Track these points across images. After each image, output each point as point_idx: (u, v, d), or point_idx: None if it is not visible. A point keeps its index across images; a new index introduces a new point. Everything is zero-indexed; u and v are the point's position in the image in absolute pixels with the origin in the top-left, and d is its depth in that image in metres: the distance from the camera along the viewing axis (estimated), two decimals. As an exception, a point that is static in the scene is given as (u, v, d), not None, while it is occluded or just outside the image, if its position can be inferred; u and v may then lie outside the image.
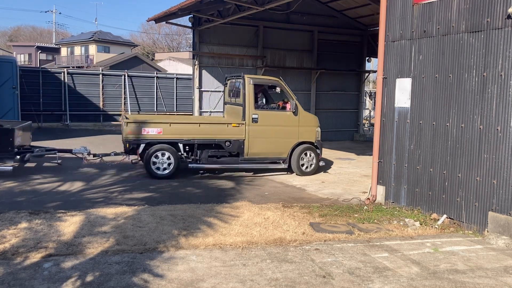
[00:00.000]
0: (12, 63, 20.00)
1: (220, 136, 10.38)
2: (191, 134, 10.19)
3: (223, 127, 10.42)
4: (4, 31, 77.49)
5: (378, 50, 7.96)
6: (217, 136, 10.38)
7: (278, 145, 10.75)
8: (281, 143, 10.76)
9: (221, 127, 10.43)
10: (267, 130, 10.63)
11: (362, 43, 21.00)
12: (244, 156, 10.54)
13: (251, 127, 10.50)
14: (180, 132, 10.13)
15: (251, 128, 10.49)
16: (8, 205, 7.18)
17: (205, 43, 17.41)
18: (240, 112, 10.69)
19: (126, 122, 9.82)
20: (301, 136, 10.86)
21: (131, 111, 24.46)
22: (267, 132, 10.63)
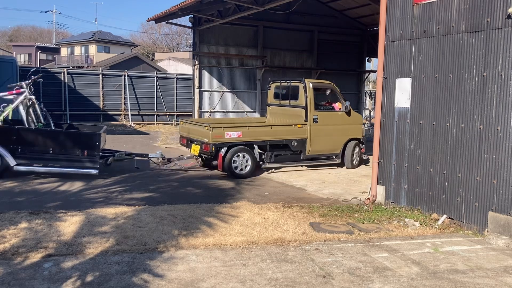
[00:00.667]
0: (12, 63, 19.99)
1: (288, 137, 11.23)
2: (265, 136, 10.98)
3: (290, 128, 11.28)
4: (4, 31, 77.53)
5: (378, 50, 7.96)
6: (286, 137, 11.22)
7: (333, 142, 11.87)
8: (336, 140, 11.89)
9: (289, 129, 11.28)
10: (325, 129, 11.65)
11: (362, 43, 21.02)
12: (306, 154, 11.49)
13: (312, 127, 11.46)
14: (256, 135, 10.87)
15: (312, 128, 11.45)
16: (8, 205, 7.18)
17: (205, 43, 17.42)
18: (295, 114, 11.74)
19: (212, 127, 10.28)
20: (351, 133, 12.09)
21: (131, 111, 24.46)
22: (325, 131, 11.64)
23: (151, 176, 10.39)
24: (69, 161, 9.51)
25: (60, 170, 9.58)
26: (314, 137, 11.45)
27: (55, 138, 9.57)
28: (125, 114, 24.55)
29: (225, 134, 10.41)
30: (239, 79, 18.25)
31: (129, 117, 24.34)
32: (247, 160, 10.56)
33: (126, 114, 24.49)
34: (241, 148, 10.53)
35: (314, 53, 19.74)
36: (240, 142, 10.55)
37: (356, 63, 21.31)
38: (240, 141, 10.56)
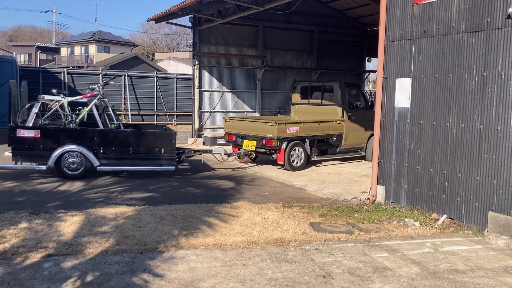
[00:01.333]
0: (12, 63, 19.99)
1: (330, 132, 12.41)
2: (314, 131, 12.01)
3: (332, 124, 12.48)
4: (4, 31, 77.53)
5: (378, 50, 7.96)
6: (328, 132, 12.39)
7: (361, 137, 13.03)
8: (363, 135, 13.02)
9: (332, 125, 12.48)
10: (356, 125, 12.84)
11: (362, 43, 21.00)
12: (341, 147, 12.71)
13: (347, 123, 12.65)
14: (308, 130, 11.85)
15: (347, 124, 12.65)
16: (8, 205, 7.18)
17: (205, 43, 17.41)
18: (329, 111, 12.83)
19: (278, 123, 11.16)
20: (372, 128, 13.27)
21: (131, 111, 24.46)
22: (356, 127, 12.84)
23: (151, 176, 10.39)
24: (148, 159, 9.97)
25: (140, 168, 10.06)
26: (348, 132, 12.64)
27: (134, 138, 10.00)
28: (125, 114, 24.56)
29: (287, 129, 11.35)
30: (239, 79, 18.24)
31: (129, 117, 24.34)
32: (301, 153, 11.64)
33: (126, 114, 24.49)
34: (297, 143, 11.57)
35: (314, 53, 19.72)
36: (296, 137, 11.55)
37: (356, 63, 21.29)
38: (297, 136, 11.57)
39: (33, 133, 9.28)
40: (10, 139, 9.16)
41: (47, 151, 9.35)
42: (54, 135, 9.52)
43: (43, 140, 9.35)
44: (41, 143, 9.34)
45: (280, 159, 11.27)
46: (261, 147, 11.44)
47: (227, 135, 12.60)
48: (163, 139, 10.03)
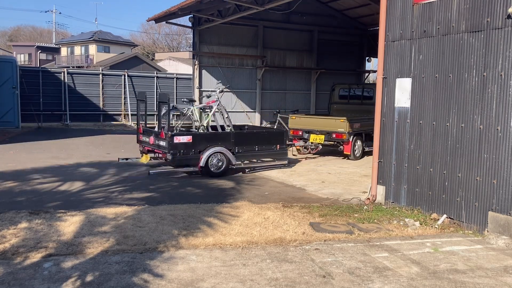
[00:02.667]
0: (12, 63, 20.03)
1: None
2: (367, 127, 12.90)
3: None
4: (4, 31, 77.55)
5: (378, 50, 7.96)
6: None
7: None
8: None
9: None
10: None
11: (362, 43, 21.03)
12: None
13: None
14: (364, 126, 13.30)
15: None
16: (8, 205, 7.18)
17: (205, 43, 17.42)
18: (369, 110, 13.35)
19: (348, 120, 12.95)
20: None
21: (131, 111, 24.44)
22: None
23: (151, 176, 10.39)
24: (268, 155, 11.59)
25: (264, 164, 11.68)
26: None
27: (259, 138, 11.50)
28: (125, 114, 24.56)
29: (353, 125, 13.12)
30: (239, 79, 18.25)
31: (129, 117, 24.35)
32: (360, 145, 13.42)
33: (126, 114, 24.50)
34: (358, 137, 13.33)
35: (314, 53, 19.73)
36: (358, 132, 13.24)
37: (356, 63, 21.31)
38: (358, 130, 13.25)
39: (187, 139, 10.25)
40: (170, 145, 9.91)
41: (197, 154, 10.34)
42: (202, 139, 10.57)
43: (194, 144, 10.32)
44: (192, 147, 10.30)
45: (347, 150, 13.13)
46: (330, 140, 13.25)
47: (291, 130, 14.19)
48: (278, 137, 11.68)
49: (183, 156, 10.13)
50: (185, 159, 10.20)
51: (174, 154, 9.95)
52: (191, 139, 10.24)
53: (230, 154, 10.71)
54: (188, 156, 10.21)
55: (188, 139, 10.20)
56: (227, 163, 10.66)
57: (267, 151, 11.40)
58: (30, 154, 13.00)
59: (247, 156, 11.19)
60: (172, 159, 9.98)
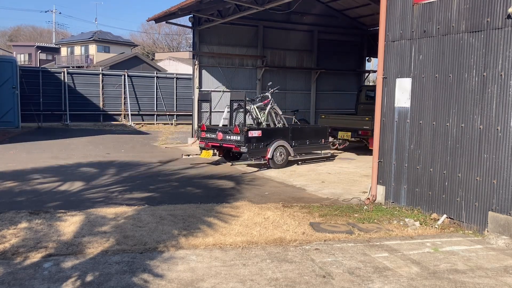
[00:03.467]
0: (12, 63, 20.04)
1: None
2: None
3: None
4: (4, 31, 77.58)
5: (378, 50, 7.96)
6: None
7: None
8: None
9: None
10: None
11: (362, 43, 21.02)
12: None
13: None
14: None
15: None
16: (8, 205, 7.18)
17: (205, 43, 17.41)
18: None
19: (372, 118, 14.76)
20: None
21: (131, 111, 24.46)
22: None
23: (151, 176, 10.40)
24: (316, 148, 13.13)
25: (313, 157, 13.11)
26: None
27: (309, 133, 13.09)
28: (125, 114, 24.58)
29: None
30: (239, 79, 18.24)
31: (129, 117, 24.36)
32: None
33: (126, 114, 24.51)
34: None
35: (314, 53, 19.73)
36: None
37: (356, 63, 21.30)
38: None
39: (257, 134, 11.57)
40: (245, 139, 11.20)
41: (265, 147, 11.73)
42: (268, 133, 11.97)
43: (262, 138, 11.66)
44: (261, 141, 11.65)
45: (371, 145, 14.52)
46: (356, 136, 14.17)
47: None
48: (323, 132, 13.21)
49: (254, 149, 11.48)
50: (256, 151, 11.55)
51: (248, 147, 11.32)
52: (261, 134, 11.65)
53: (290, 147, 12.19)
54: (258, 149, 11.58)
55: (258, 134, 11.59)
56: (287, 155, 12.13)
57: (315, 144, 12.97)
58: (30, 154, 13.00)
59: (300, 149, 12.61)
60: (247, 151, 11.36)
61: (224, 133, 11.69)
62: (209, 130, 12.27)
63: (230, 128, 11.64)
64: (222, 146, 12.00)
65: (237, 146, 11.42)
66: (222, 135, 11.72)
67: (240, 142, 11.32)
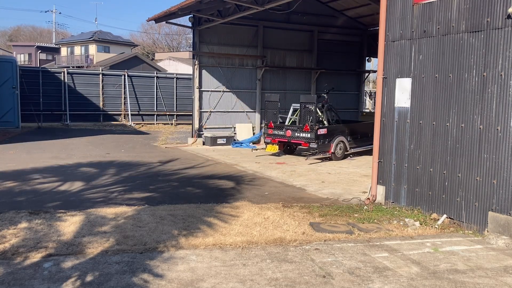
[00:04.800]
0: (12, 63, 20.03)
1: None
2: None
3: None
4: (4, 31, 77.54)
5: (378, 50, 7.96)
6: None
7: None
8: None
9: None
10: None
11: (362, 43, 21.00)
12: None
13: None
14: None
15: None
16: (8, 205, 7.18)
17: (205, 43, 17.40)
18: None
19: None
20: None
21: (131, 111, 24.45)
22: None
23: (151, 176, 10.40)
24: (366, 142, 13.96)
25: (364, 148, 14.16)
26: None
27: (361, 129, 14.55)
28: (125, 114, 24.57)
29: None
30: (239, 79, 18.23)
31: (129, 117, 24.35)
32: None
33: (126, 114, 24.50)
34: None
35: (314, 53, 19.72)
36: None
37: (356, 63, 21.28)
38: None
39: (324, 131, 13.15)
40: (316, 136, 12.81)
41: (329, 143, 13.29)
42: (331, 130, 13.44)
43: (327, 135, 13.22)
44: (326, 137, 13.21)
45: None
46: None
47: None
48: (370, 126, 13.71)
49: (322, 144, 13.02)
50: (322, 146, 13.06)
51: (318, 143, 12.87)
52: (326, 131, 13.18)
53: (347, 142, 13.70)
54: (324, 144, 13.12)
55: (324, 131, 13.16)
56: (344, 149, 13.61)
57: (365, 139, 14.03)
58: (30, 154, 13.00)
59: (354, 143, 14.00)
60: (316, 147, 12.86)
61: (293, 131, 13.34)
62: (276, 127, 13.85)
63: (299, 127, 13.25)
64: (290, 142, 13.70)
65: (306, 142, 12.97)
66: (291, 133, 13.35)
67: (310, 139, 12.88)
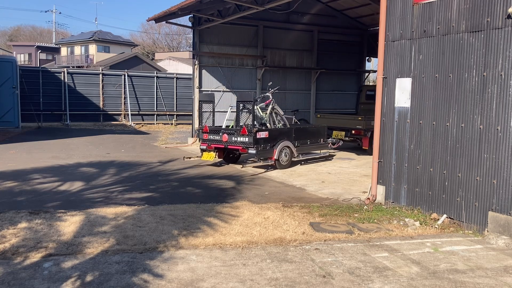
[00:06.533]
0: (12, 63, 20.03)
1: None
2: None
3: None
4: (4, 31, 77.55)
5: (378, 50, 7.96)
6: None
7: None
8: None
9: None
10: None
11: (362, 43, 21.02)
12: None
13: None
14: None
15: None
16: (8, 205, 7.18)
17: (205, 43, 17.41)
18: None
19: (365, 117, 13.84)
20: None
21: (131, 111, 24.46)
22: None
23: (151, 176, 10.40)
24: (316, 148, 13.05)
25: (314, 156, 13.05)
26: None
27: (311, 132, 13.01)
28: (125, 114, 24.57)
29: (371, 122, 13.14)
30: (239, 79, 18.24)
31: (129, 117, 24.35)
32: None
33: (126, 114, 24.51)
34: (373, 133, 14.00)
35: (314, 53, 19.73)
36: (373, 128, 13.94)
37: (356, 63, 21.29)
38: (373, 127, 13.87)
39: (264, 134, 11.34)
40: (254, 140, 11.00)
41: (271, 148, 11.49)
42: (274, 134, 11.69)
43: (269, 139, 11.44)
44: (268, 141, 11.42)
45: (365, 145, 13.92)
46: (350, 136, 14.24)
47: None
48: (321, 131, 13.22)
49: (262, 150, 11.22)
50: (263, 152, 11.28)
51: (257, 148, 11.06)
52: (268, 135, 11.38)
53: (293, 147, 12.01)
54: (265, 150, 11.33)
55: (265, 135, 11.34)
56: (290, 155, 11.92)
57: (315, 144, 12.93)
58: (30, 154, 13.00)
59: (302, 149, 12.45)
60: (255, 153, 11.04)
61: (230, 135, 11.42)
62: (212, 131, 11.91)
63: (236, 130, 11.33)
64: (227, 148, 11.69)
65: (244, 147, 11.11)
66: (228, 137, 11.43)
67: (248, 144, 11.03)
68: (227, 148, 11.73)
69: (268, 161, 11.43)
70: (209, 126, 12.08)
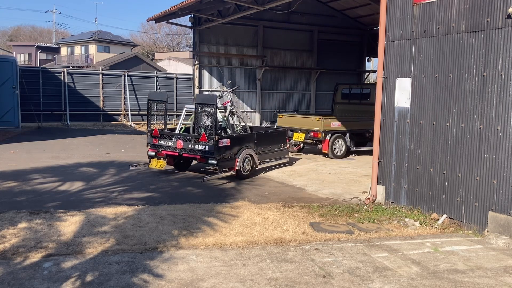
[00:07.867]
0: (12, 63, 20.02)
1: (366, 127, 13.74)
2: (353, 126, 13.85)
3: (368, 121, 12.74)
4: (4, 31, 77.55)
5: (378, 50, 7.96)
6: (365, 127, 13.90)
7: None
8: None
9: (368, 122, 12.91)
10: None
11: (362, 43, 21.03)
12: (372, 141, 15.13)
13: None
14: (348, 125, 13.73)
15: None
16: (8, 205, 7.18)
17: (205, 43, 17.41)
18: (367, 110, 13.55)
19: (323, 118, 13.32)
20: None
21: (131, 111, 24.46)
22: None
23: (151, 176, 10.39)
24: (277, 154, 11.81)
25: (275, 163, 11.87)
26: None
27: (271, 138, 11.65)
28: (125, 114, 24.55)
29: (331, 124, 13.35)
30: (239, 79, 18.24)
31: (129, 117, 24.34)
32: (342, 145, 13.60)
33: (126, 114, 24.49)
34: (339, 136, 13.49)
35: (314, 53, 19.73)
36: (338, 131, 13.44)
37: (356, 63, 21.30)
38: (338, 130, 13.44)
39: (227, 142, 9.92)
40: (216, 149, 9.59)
41: (233, 157, 10.06)
42: (237, 141, 10.22)
43: (231, 147, 10.00)
44: (230, 150, 9.98)
45: (324, 148, 13.32)
46: (309, 138, 13.58)
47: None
48: (282, 136, 12.06)
49: (223, 160, 9.78)
50: (225, 162, 9.84)
51: (219, 158, 9.61)
52: (230, 142, 9.93)
53: (255, 155, 10.61)
54: (227, 160, 9.89)
55: (227, 142, 9.88)
56: (252, 164, 10.51)
57: (276, 150, 11.70)
58: (30, 154, 13.00)
59: (264, 157, 11.23)
60: (217, 163, 9.64)
61: (186, 141, 9.89)
62: (163, 136, 10.29)
63: (194, 136, 9.91)
64: (182, 156, 10.18)
65: (203, 157, 9.66)
66: (183, 143, 9.89)
67: (207, 153, 9.57)
68: (181, 156, 10.21)
69: (228, 172, 9.98)
70: (160, 130, 10.50)
